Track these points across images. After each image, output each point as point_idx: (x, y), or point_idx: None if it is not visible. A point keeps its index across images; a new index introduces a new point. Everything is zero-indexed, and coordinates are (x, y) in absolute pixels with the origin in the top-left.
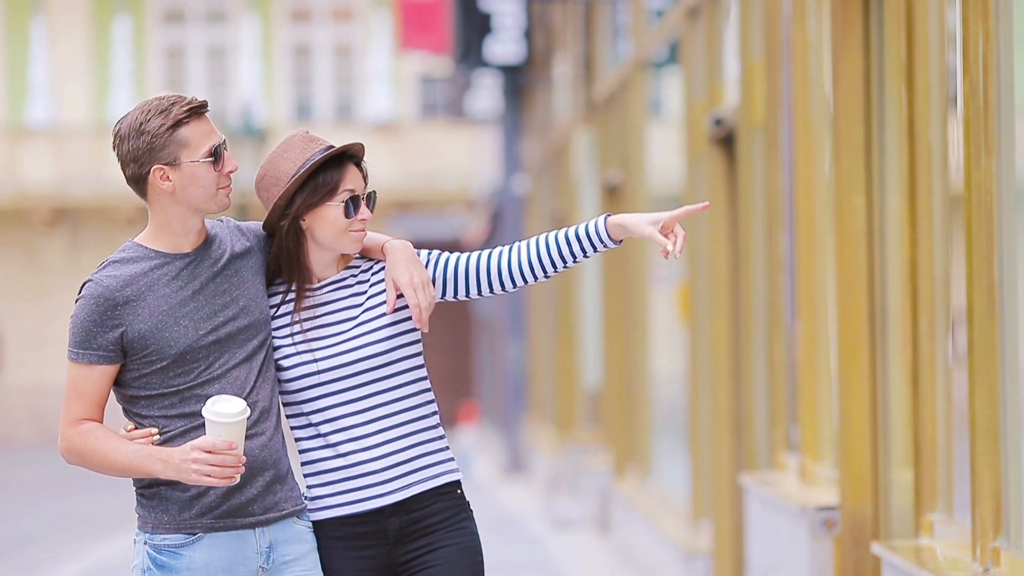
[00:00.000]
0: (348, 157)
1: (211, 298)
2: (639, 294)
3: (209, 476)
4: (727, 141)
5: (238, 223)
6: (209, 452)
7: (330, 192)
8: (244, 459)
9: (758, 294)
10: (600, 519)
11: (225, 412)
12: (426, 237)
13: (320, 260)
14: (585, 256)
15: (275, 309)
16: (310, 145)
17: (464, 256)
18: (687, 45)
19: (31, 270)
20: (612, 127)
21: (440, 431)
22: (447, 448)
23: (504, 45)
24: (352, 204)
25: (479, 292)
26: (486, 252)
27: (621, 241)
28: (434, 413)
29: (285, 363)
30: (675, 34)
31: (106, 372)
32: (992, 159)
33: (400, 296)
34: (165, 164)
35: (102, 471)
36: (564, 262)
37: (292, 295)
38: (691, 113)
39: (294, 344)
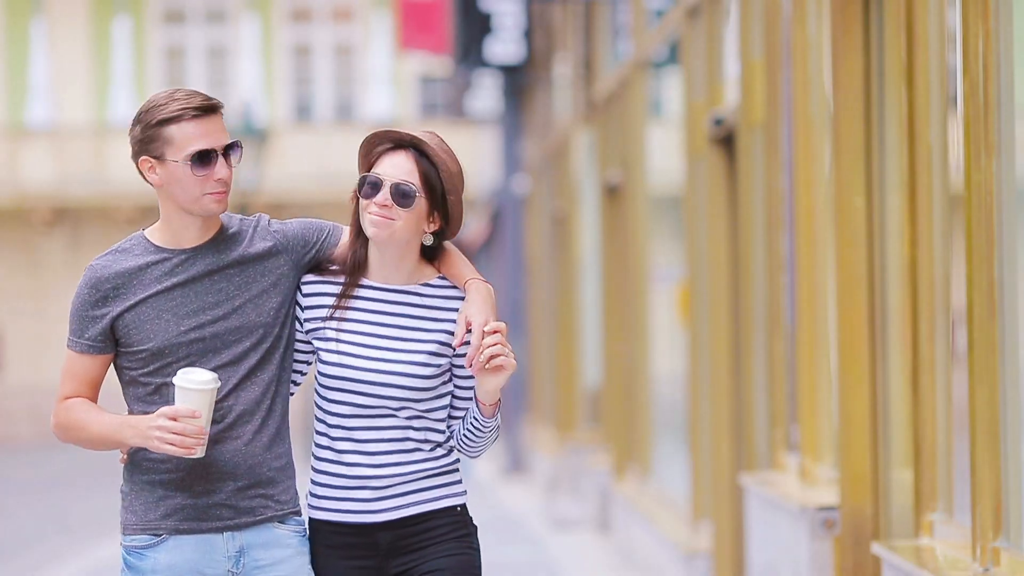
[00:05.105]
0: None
1: (200, 295)
2: (639, 294)
3: (172, 444)
4: (727, 141)
5: (273, 221)
6: (172, 419)
7: None
8: (206, 432)
9: (758, 294)
10: (600, 519)
11: (192, 379)
12: None
13: (374, 260)
14: (481, 426)
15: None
16: None
17: (466, 405)
18: (687, 45)
19: (31, 270)
20: (612, 127)
21: (451, 456)
22: (455, 471)
23: (504, 45)
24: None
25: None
26: (465, 417)
27: (496, 405)
28: (447, 440)
29: (326, 357)
30: (675, 34)
31: (97, 360)
32: (992, 159)
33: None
34: (152, 157)
35: (84, 443)
36: (474, 432)
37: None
38: (691, 113)
39: (329, 341)
